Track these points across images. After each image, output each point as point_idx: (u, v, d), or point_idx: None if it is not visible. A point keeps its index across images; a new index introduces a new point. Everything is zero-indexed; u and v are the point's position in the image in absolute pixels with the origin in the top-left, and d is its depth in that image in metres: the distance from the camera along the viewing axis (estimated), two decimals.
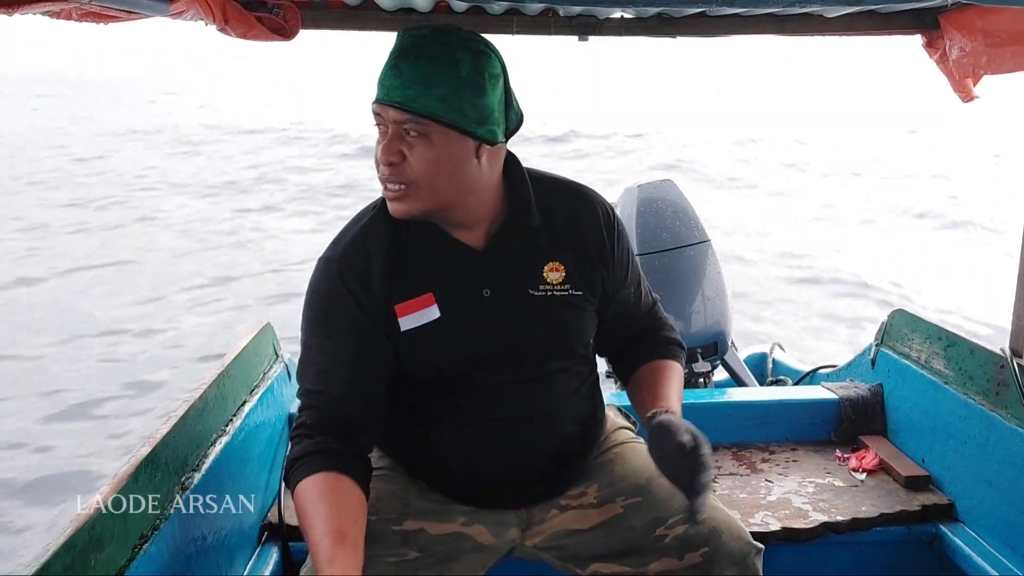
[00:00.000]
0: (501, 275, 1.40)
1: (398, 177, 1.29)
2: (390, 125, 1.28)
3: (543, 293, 1.41)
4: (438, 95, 1.26)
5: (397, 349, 1.39)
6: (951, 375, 2.06)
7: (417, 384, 1.43)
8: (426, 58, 1.27)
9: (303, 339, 1.41)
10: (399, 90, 1.26)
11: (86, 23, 1.40)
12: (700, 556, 1.37)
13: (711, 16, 1.93)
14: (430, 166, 1.29)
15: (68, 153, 15.62)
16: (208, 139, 17.40)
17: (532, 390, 1.43)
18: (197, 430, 1.68)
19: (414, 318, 1.37)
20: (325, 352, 1.37)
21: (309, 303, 1.41)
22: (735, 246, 8.40)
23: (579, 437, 1.51)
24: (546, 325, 1.42)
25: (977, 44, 1.82)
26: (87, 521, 1.23)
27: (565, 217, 1.46)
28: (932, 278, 7.80)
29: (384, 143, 1.29)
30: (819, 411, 2.34)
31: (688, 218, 2.84)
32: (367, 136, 12.39)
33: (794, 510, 1.95)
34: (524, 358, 1.42)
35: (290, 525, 1.87)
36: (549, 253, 1.43)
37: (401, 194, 1.31)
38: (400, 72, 1.26)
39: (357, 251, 1.39)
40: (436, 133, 1.28)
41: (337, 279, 1.37)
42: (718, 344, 2.82)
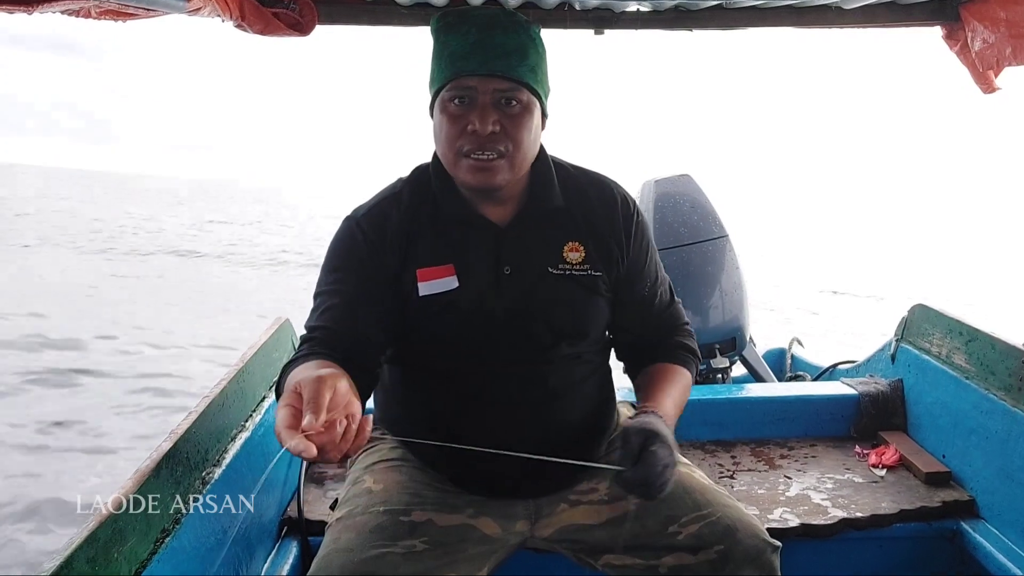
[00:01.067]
0: (522, 252, 1.44)
1: (494, 145, 1.33)
2: (483, 95, 1.32)
3: (561, 272, 1.45)
4: (529, 66, 1.35)
5: (412, 315, 1.41)
6: (972, 370, 2.04)
7: (428, 360, 1.45)
8: (514, 32, 1.34)
9: (315, 290, 1.45)
10: (498, 60, 1.32)
11: (105, 20, 1.41)
12: (715, 553, 1.37)
13: (728, 9, 1.92)
14: (527, 134, 1.36)
15: None
16: None
17: (541, 373, 1.45)
18: (217, 426, 1.69)
19: (433, 285, 1.41)
20: (335, 293, 1.41)
21: (327, 254, 1.47)
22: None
23: (587, 427, 1.52)
24: (562, 303, 1.44)
25: (1000, 35, 1.79)
26: (109, 516, 1.24)
27: (585, 202, 1.50)
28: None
29: (481, 111, 1.32)
30: (838, 407, 2.33)
31: (706, 213, 2.82)
32: None
33: (813, 506, 1.94)
34: (536, 340, 1.43)
35: (309, 520, 1.88)
36: (569, 234, 1.47)
37: (493, 163, 1.34)
38: (495, 44, 1.32)
39: (379, 211, 1.46)
40: (530, 102, 1.36)
41: (356, 230, 1.44)
42: (736, 339, 2.81)
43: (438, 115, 1.38)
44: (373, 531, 1.36)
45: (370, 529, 1.37)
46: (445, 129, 1.36)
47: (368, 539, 1.35)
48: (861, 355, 2.73)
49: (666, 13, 1.92)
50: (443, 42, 1.37)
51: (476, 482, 1.48)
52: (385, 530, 1.37)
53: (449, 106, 1.35)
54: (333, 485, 2.04)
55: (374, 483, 1.48)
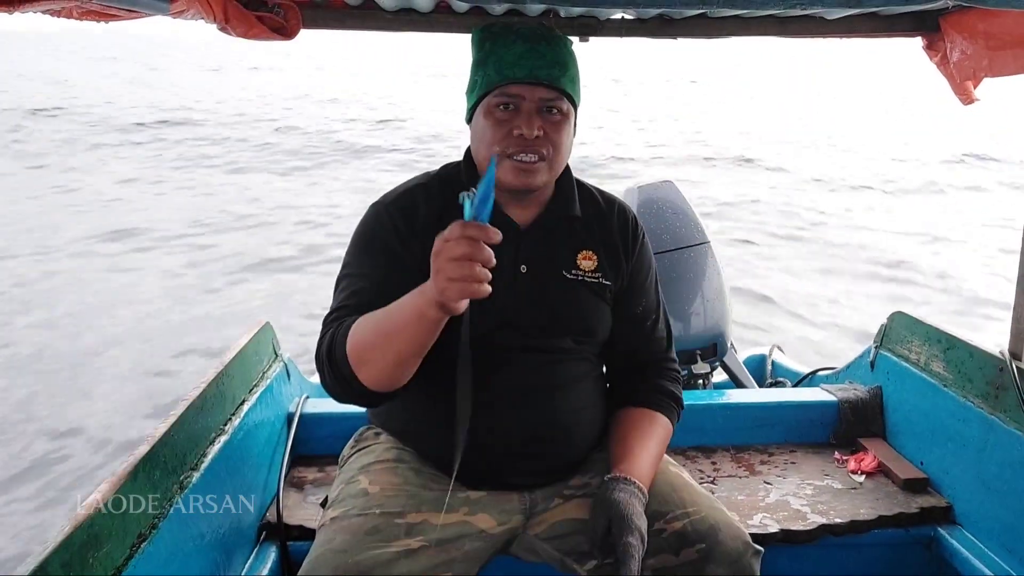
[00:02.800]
0: (539, 255, 1.52)
1: (538, 148, 1.42)
2: (530, 103, 1.42)
3: (574, 277, 1.53)
4: (570, 77, 1.46)
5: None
6: (950, 377, 2.06)
7: (437, 345, 1.42)
8: (556, 44, 1.45)
9: (340, 272, 1.50)
10: (544, 70, 1.42)
11: (86, 21, 1.40)
12: (696, 552, 1.38)
13: (712, 17, 1.93)
14: (566, 140, 1.47)
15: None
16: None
17: (545, 362, 1.49)
18: (196, 429, 1.68)
19: None
20: (363, 275, 1.47)
21: (354, 237, 1.53)
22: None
23: (582, 422, 1.54)
24: (571, 305, 1.52)
25: (978, 47, 1.81)
26: (85, 519, 1.23)
27: (600, 215, 1.61)
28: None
29: (527, 118, 1.41)
30: (818, 413, 2.34)
31: (688, 219, 2.84)
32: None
33: (792, 512, 1.95)
34: (543, 332, 1.49)
35: (288, 524, 1.87)
36: (584, 242, 1.56)
37: (535, 166, 1.44)
38: (541, 54, 1.42)
39: (406, 199, 1.53)
40: (569, 111, 1.47)
41: (384, 214, 1.50)
42: (717, 345, 2.82)
43: (481, 119, 1.46)
44: (369, 533, 1.37)
45: (365, 531, 1.37)
46: (490, 132, 1.43)
47: (363, 541, 1.36)
48: (841, 362, 2.75)
49: (650, 21, 1.92)
50: (487, 51, 1.46)
51: (473, 468, 1.45)
52: (380, 532, 1.38)
53: (495, 111, 1.44)
54: (313, 490, 2.03)
55: (370, 484, 1.49)
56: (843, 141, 17.23)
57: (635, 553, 1.28)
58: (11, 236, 8.43)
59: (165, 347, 5.57)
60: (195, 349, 5.50)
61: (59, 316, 6.12)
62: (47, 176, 12.26)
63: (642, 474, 1.43)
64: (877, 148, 16.30)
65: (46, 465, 4.03)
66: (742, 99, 27.26)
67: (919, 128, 19.18)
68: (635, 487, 1.39)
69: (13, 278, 7.02)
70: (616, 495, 1.36)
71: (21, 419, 4.49)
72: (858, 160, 14.79)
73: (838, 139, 17.52)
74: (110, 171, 12.74)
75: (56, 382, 4.98)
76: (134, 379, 5.08)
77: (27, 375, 5.06)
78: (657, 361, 1.64)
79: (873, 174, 13.42)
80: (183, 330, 5.93)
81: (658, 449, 1.52)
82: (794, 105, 25.08)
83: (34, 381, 4.98)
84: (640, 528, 1.32)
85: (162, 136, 16.84)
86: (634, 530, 1.31)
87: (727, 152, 15.25)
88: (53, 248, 8.06)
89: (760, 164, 14.30)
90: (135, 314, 6.24)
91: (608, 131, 17.91)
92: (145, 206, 10.31)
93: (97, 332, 5.83)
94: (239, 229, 9.21)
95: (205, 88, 28.64)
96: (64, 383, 4.98)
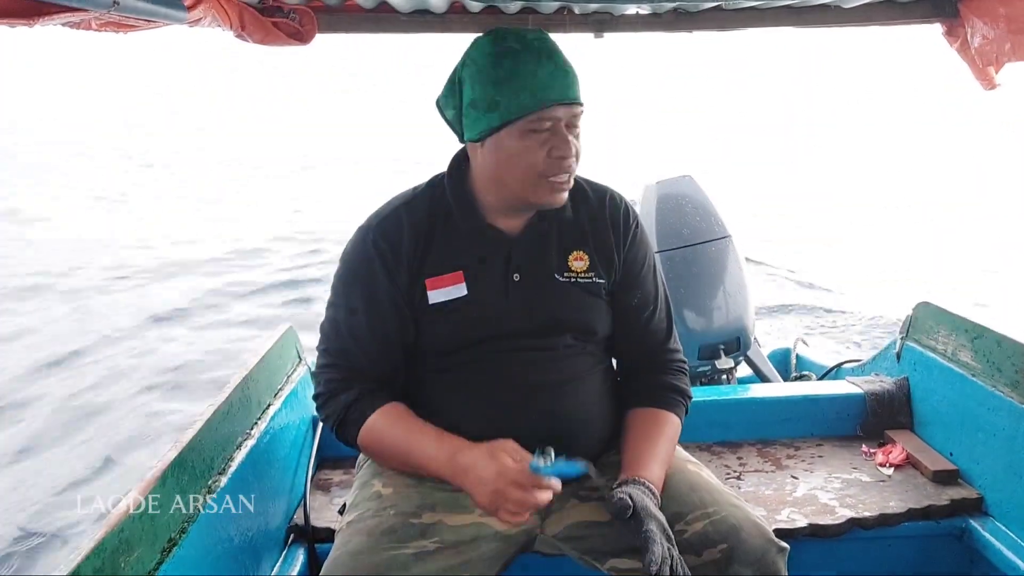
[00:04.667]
0: (530, 261, 1.51)
1: (572, 167, 1.43)
2: (563, 121, 1.40)
3: (567, 279, 1.52)
4: (580, 89, 1.43)
5: (422, 321, 1.48)
6: (978, 367, 2.04)
7: (435, 356, 1.50)
8: (564, 57, 1.42)
9: (330, 299, 1.54)
10: (574, 88, 1.41)
11: (105, 32, 1.41)
12: (719, 552, 1.37)
13: (727, 10, 1.92)
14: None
15: None
16: None
17: (546, 358, 1.49)
18: (223, 433, 1.70)
19: (442, 292, 1.47)
20: (352, 312, 1.49)
21: (341, 265, 1.54)
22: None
23: (592, 416, 1.53)
24: (568, 308, 1.51)
25: (1000, 31, 1.79)
26: (117, 524, 1.25)
27: (591, 211, 1.57)
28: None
29: (566, 138, 1.40)
30: (845, 406, 2.32)
31: (708, 214, 2.82)
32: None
33: (821, 506, 1.94)
34: (543, 332, 1.49)
35: (316, 527, 1.89)
36: (575, 243, 1.54)
37: (568, 183, 1.45)
38: (567, 72, 1.40)
39: (392, 222, 1.51)
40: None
41: (370, 245, 1.49)
42: (740, 340, 2.80)
43: (515, 141, 1.40)
44: (384, 534, 1.38)
45: (381, 532, 1.38)
46: (526, 155, 1.40)
47: (379, 541, 1.36)
48: (866, 354, 2.73)
49: (665, 15, 1.92)
50: (510, 69, 1.38)
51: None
52: (396, 532, 1.38)
53: (534, 135, 1.39)
54: (339, 492, 2.04)
55: (383, 487, 1.49)
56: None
57: (656, 538, 1.28)
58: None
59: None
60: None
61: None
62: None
63: (652, 475, 1.42)
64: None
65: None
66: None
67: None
68: (645, 487, 1.38)
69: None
70: (628, 492, 1.36)
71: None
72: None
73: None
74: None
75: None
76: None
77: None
78: (658, 352, 1.62)
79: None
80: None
81: (668, 448, 1.51)
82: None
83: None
84: (659, 518, 1.32)
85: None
86: (652, 517, 1.31)
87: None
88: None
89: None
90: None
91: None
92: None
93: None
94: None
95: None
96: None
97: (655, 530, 1.29)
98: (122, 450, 4.35)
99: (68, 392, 5.13)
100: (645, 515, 1.31)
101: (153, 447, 4.29)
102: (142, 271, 8.19)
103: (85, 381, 5.31)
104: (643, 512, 1.32)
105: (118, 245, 9.27)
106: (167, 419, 4.65)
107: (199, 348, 5.97)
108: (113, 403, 4.97)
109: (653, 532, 1.29)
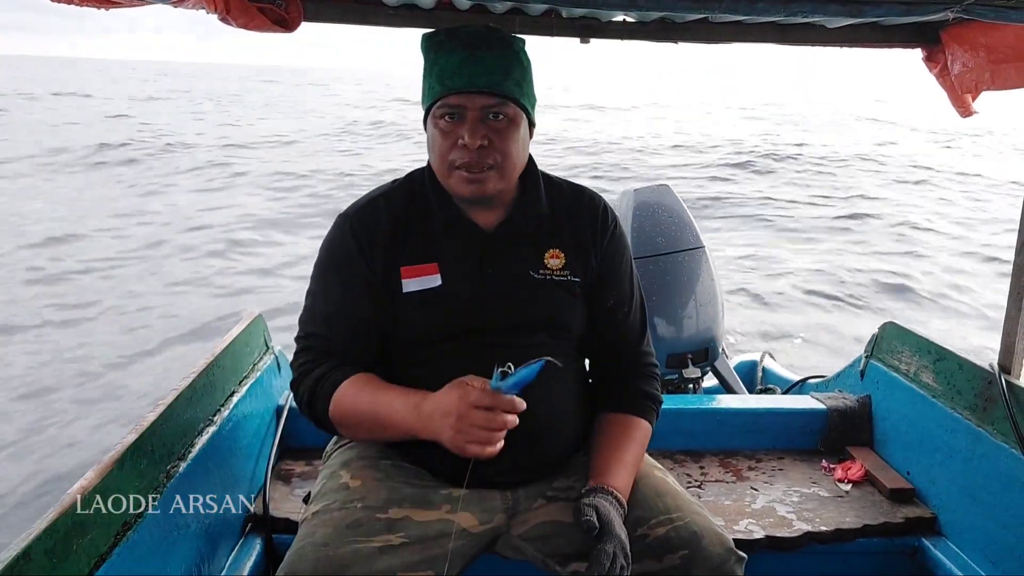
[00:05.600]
0: (505, 256, 1.52)
1: (485, 159, 1.41)
2: (471, 111, 1.40)
3: (542, 276, 1.53)
4: (515, 80, 1.43)
5: (396, 310, 1.49)
6: (939, 389, 2.07)
7: (408, 347, 1.51)
8: (499, 48, 1.42)
9: (309, 288, 1.55)
10: (484, 76, 1.40)
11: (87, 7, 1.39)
12: (679, 559, 1.38)
13: (713, 23, 1.93)
14: (515, 146, 1.45)
15: None
16: None
17: (519, 356, 1.44)
18: (184, 419, 1.68)
19: (417, 282, 1.49)
20: (329, 297, 1.52)
21: (319, 254, 1.55)
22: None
23: (562, 416, 1.54)
24: (542, 305, 1.52)
25: (980, 60, 1.82)
26: (71, 507, 1.23)
27: (567, 210, 1.58)
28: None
29: (470, 127, 1.40)
30: (807, 420, 2.35)
31: (683, 223, 2.84)
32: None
33: (778, 519, 1.96)
34: (515, 328, 1.50)
35: (274, 517, 1.87)
36: (551, 241, 1.55)
37: (485, 176, 1.43)
38: (481, 61, 1.40)
39: (370, 212, 1.53)
40: (516, 115, 1.44)
41: (348, 232, 1.51)
42: (709, 350, 2.82)
43: (431, 129, 1.47)
44: (350, 526, 1.37)
45: (347, 524, 1.38)
46: (437, 143, 1.44)
47: (344, 534, 1.36)
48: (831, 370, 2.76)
49: (651, 25, 1.93)
50: (432, 60, 1.45)
51: (452, 464, 1.47)
52: (362, 526, 1.38)
53: (440, 122, 1.43)
54: (300, 483, 2.03)
55: (351, 479, 1.49)
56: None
57: (606, 560, 1.29)
58: None
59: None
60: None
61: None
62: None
63: (621, 484, 1.43)
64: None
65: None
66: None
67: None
68: (613, 498, 1.39)
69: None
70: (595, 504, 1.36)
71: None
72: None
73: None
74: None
75: None
76: None
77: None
78: (632, 355, 1.63)
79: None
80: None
81: (637, 454, 1.53)
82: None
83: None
84: (620, 537, 1.33)
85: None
86: (613, 538, 1.32)
87: None
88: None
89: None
90: None
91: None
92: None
93: None
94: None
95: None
96: None
97: (609, 552, 1.30)
98: None
99: None
100: (607, 532, 1.32)
101: None
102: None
103: None
104: (607, 528, 1.32)
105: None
106: None
107: None
108: None
109: (607, 554, 1.29)
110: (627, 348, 1.63)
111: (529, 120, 1.49)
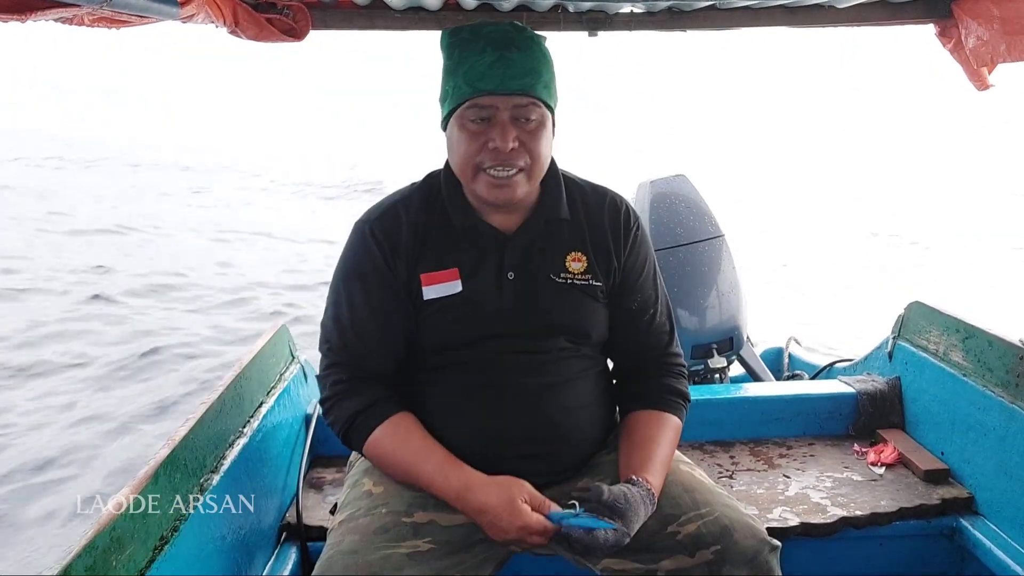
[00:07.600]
0: (526, 260, 1.49)
1: (515, 161, 1.39)
2: (502, 112, 1.38)
3: (564, 281, 1.50)
4: (544, 82, 1.41)
5: (417, 316, 1.48)
6: (970, 367, 2.04)
7: (428, 353, 1.50)
8: (528, 49, 1.40)
9: (330, 298, 1.53)
10: (517, 79, 1.38)
11: (98, 28, 1.41)
12: (712, 554, 1.37)
13: (721, 9, 1.92)
14: (544, 148, 1.43)
15: None
16: None
17: (539, 361, 1.48)
18: (215, 431, 1.69)
19: (437, 289, 1.47)
20: (353, 306, 1.49)
21: (340, 260, 1.53)
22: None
23: (581, 420, 1.52)
24: (563, 309, 1.49)
25: (994, 32, 1.79)
26: (108, 523, 1.24)
27: (590, 213, 1.56)
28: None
29: (501, 129, 1.38)
30: (836, 405, 2.33)
31: (701, 213, 2.83)
32: None
33: (812, 505, 1.94)
34: (535, 334, 1.48)
35: (308, 525, 1.88)
36: (573, 244, 1.52)
37: (512, 179, 1.41)
38: (513, 62, 1.38)
39: (390, 217, 1.51)
40: (544, 117, 1.42)
41: (369, 238, 1.49)
42: (733, 339, 2.81)
43: (455, 131, 1.43)
44: (376, 532, 1.37)
45: (373, 531, 1.38)
46: (464, 145, 1.41)
47: (372, 540, 1.36)
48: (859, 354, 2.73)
49: (659, 14, 1.92)
50: (457, 60, 1.42)
51: (477, 469, 1.47)
52: (389, 531, 1.38)
53: (468, 123, 1.40)
54: (332, 490, 2.04)
55: (374, 486, 1.49)
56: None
57: (603, 545, 1.29)
58: None
59: None
60: None
61: None
62: None
63: (654, 478, 1.42)
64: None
65: None
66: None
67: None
68: (645, 489, 1.37)
69: None
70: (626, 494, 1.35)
71: None
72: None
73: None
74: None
75: None
76: None
77: None
78: (659, 356, 1.61)
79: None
80: None
81: (668, 451, 1.50)
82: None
83: None
84: (628, 532, 1.32)
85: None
86: (623, 527, 1.31)
87: None
88: None
89: None
90: None
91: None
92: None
93: None
94: None
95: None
96: None
97: (608, 537, 1.29)
98: None
99: None
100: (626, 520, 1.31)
101: None
102: None
103: None
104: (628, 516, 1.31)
105: None
106: None
107: None
108: None
109: (601, 538, 1.29)
110: (655, 350, 1.60)
111: (553, 121, 1.48)
